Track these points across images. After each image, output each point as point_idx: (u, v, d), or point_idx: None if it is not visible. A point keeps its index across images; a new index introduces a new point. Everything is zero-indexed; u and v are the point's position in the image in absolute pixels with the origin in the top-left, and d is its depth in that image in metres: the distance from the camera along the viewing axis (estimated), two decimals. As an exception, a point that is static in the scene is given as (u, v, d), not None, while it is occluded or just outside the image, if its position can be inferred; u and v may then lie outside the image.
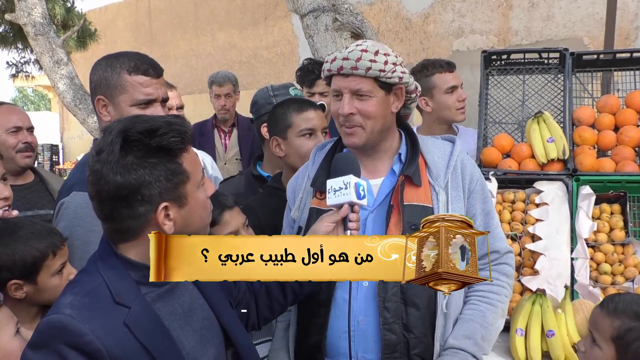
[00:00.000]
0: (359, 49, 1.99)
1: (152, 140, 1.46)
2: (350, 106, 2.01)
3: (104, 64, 2.14)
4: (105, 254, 1.55)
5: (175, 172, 1.49)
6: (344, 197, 1.83)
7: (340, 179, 1.84)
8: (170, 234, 1.49)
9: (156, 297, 1.56)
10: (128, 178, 1.43)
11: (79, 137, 14.49)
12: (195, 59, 11.76)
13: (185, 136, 1.51)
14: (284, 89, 2.96)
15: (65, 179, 2.29)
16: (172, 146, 1.48)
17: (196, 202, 1.56)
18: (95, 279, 1.49)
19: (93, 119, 6.96)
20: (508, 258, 2.15)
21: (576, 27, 6.81)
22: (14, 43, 10.72)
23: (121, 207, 1.46)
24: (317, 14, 4.27)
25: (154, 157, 1.46)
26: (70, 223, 2.06)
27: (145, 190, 1.45)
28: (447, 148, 2.15)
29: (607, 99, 3.01)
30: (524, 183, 2.83)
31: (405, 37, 8.31)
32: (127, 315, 1.45)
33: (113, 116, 2.13)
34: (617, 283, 2.49)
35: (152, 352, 1.46)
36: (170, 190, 1.48)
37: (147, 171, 1.45)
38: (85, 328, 1.38)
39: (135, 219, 1.48)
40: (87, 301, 1.44)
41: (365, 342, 1.98)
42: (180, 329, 1.58)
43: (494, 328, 2.05)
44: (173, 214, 1.50)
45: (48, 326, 1.41)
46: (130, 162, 1.44)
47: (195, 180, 1.55)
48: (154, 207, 1.47)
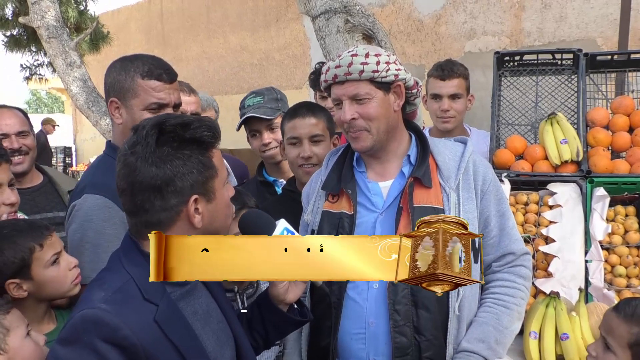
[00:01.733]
0: (349, 55, 2.01)
1: (186, 132, 1.49)
2: (351, 112, 2.02)
3: (118, 67, 2.15)
4: (129, 250, 1.56)
5: (206, 165, 1.52)
6: None
7: None
8: (199, 228, 1.52)
9: (179, 297, 1.56)
10: (163, 168, 1.46)
11: (92, 139, 14.58)
12: (207, 61, 11.80)
13: (215, 132, 1.55)
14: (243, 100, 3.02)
15: (78, 181, 2.29)
16: (205, 139, 1.52)
17: (222, 198, 1.59)
18: (123, 276, 1.50)
19: (106, 121, 7.00)
20: (524, 260, 2.13)
21: (589, 28, 6.76)
22: (27, 46, 10.82)
23: (154, 198, 1.48)
24: (329, 16, 4.26)
25: (187, 149, 1.50)
26: (81, 225, 2.06)
27: (179, 181, 1.48)
28: (459, 149, 2.15)
29: (621, 99, 2.98)
30: (537, 185, 2.82)
31: (417, 38, 8.29)
32: (156, 313, 1.46)
33: (125, 119, 2.14)
34: (632, 286, 2.46)
35: (181, 350, 1.47)
36: (201, 184, 1.51)
37: (181, 162, 1.48)
38: (121, 323, 1.39)
39: (167, 210, 1.50)
40: (119, 297, 1.44)
41: (376, 345, 1.98)
42: (202, 329, 1.59)
43: (509, 331, 2.03)
44: (202, 208, 1.53)
45: (83, 320, 1.40)
46: (166, 152, 1.47)
47: (222, 177, 1.59)
48: (185, 199, 1.49)
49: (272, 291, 1.80)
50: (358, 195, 2.11)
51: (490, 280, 2.12)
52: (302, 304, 1.90)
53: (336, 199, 2.15)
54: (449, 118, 3.29)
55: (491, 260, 2.11)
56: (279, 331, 1.90)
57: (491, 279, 2.11)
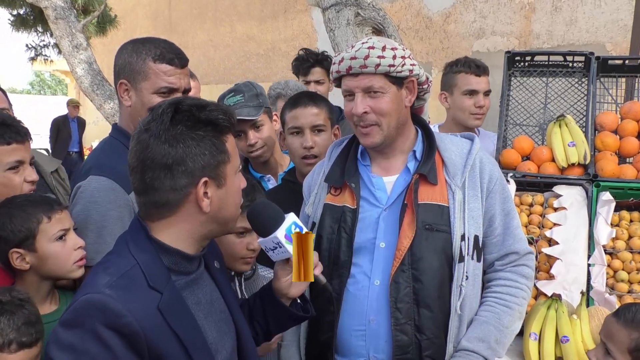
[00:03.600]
0: (366, 47, 1.97)
1: (201, 113, 1.48)
2: (364, 105, 1.98)
3: (130, 49, 2.13)
4: (137, 235, 1.54)
5: (219, 149, 1.50)
6: (283, 254, 1.73)
7: (269, 240, 1.72)
8: (206, 212, 1.51)
9: (184, 285, 1.55)
10: (176, 147, 1.45)
11: (95, 122, 14.56)
12: (213, 50, 11.78)
13: (231, 117, 1.54)
14: (222, 99, 2.91)
15: (83, 163, 2.28)
16: (220, 122, 1.50)
17: (232, 186, 1.56)
18: (129, 261, 1.48)
19: (110, 104, 6.98)
20: (527, 259, 2.12)
21: (599, 33, 6.75)
22: (34, 26, 10.80)
23: (164, 177, 1.46)
24: (339, 8, 4.24)
25: (202, 130, 1.48)
26: (86, 207, 2.05)
27: (190, 161, 1.46)
28: (466, 146, 2.12)
29: (631, 105, 2.96)
30: (543, 186, 2.80)
31: (425, 35, 8.27)
32: (160, 301, 1.44)
33: (134, 102, 2.12)
34: (634, 291, 2.45)
35: (182, 339, 1.45)
36: (212, 167, 1.49)
37: (194, 142, 1.46)
38: (125, 309, 1.37)
39: (176, 190, 1.48)
40: (123, 283, 1.42)
41: (376, 342, 1.97)
42: (204, 319, 1.57)
43: (510, 331, 2.02)
44: (211, 192, 1.50)
45: (87, 305, 1.38)
46: (180, 131, 1.46)
47: (234, 164, 1.56)
48: (195, 180, 1.47)
49: (276, 284, 1.79)
50: (361, 190, 2.09)
51: (492, 279, 2.11)
52: (305, 299, 1.89)
53: (339, 192, 2.12)
54: (482, 115, 3.30)
55: (494, 259, 2.10)
56: (280, 325, 1.89)
57: (493, 278, 2.10)
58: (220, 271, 1.76)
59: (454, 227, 1.97)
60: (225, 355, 1.62)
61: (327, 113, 2.67)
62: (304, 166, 2.62)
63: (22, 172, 2.19)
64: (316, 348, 2.11)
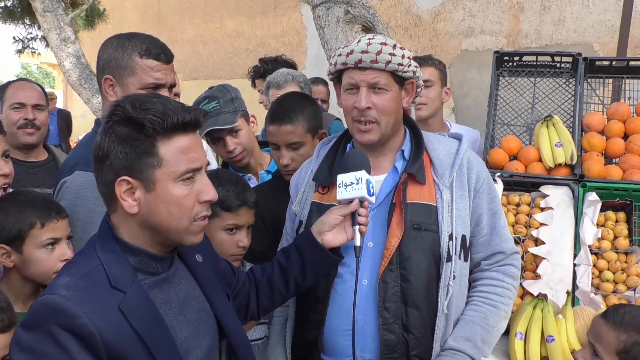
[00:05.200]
0: (378, 42, 1.97)
1: (135, 110, 1.43)
2: (368, 100, 1.97)
3: (115, 44, 2.11)
4: (104, 236, 1.53)
5: (145, 152, 1.44)
6: (355, 192, 1.83)
7: (352, 174, 1.84)
8: (133, 213, 1.47)
9: (152, 284, 1.53)
10: (104, 141, 1.45)
11: (82, 116, 14.40)
12: (202, 45, 11.70)
13: (166, 120, 1.43)
14: (197, 103, 2.81)
15: (67, 158, 2.26)
16: (146, 124, 1.42)
17: (167, 193, 1.46)
18: (93, 261, 1.46)
19: (97, 99, 6.91)
20: (514, 259, 2.13)
21: (587, 33, 6.78)
22: (21, 18, 10.66)
23: (98, 169, 1.48)
24: (329, 6, 4.23)
25: (129, 128, 1.43)
26: (71, 202, 2.04)
27: (113, 157, 1.44)
28: (454, 146, 2.13)
29: (617, 106, 2.99)
30: (530, 186, 2.82)
31: (414, 33, 8.27)
32: (122, 301, 1.42)
33: (119, 97, 2.10)
34: (619, 291, 2.47)
35: (145, 340, 1.43)
36: (135, 169, 1.44)
37: (117, 139, 1.44)
38: (79, 310, 1.35)
39: (105, 185, 1.48)
40: (83, 283, 1.41)
41: (363, 342, 1.96)
42: (174, 318, 1.55)
43: (496, 330, 2.03)
44: (138, 194, 1.46)
45: (42, 306, 1.38)
46: (109, 126, 1.45)
47: (173, 171, 1.46)
48: (116, 178, 1.45)
49: (319, 227, 1.90)
50: None
51: (479, 279, 2.11)
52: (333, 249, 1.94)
53: (326, 191, 2.12)
54: (422, 104, 3.21)
55: (481, 259, 2.11)
56: (318, 273, 1.96)
57: (480, 277, 2.11)
58: (203, 265, 1.73)
59: (442, 227, 1.97)
60: (199, 354, 1.60)
61: (305, 126, 2.53)
62: (284, 175, 2.57)
63: None
64: (302, 347, 2.11)
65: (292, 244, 1.99)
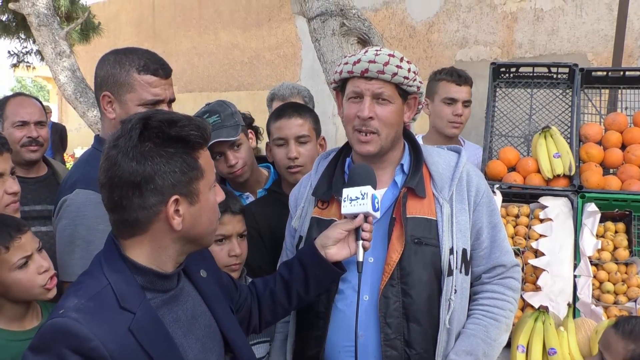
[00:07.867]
0: (386, 54, 1.97)
1: (171, 129, 1.44)
2: (371, 109, 1.96)
3: (112, 60, 2.09)
4: (110, 255, 1.51)
5: (191, 165, 1.46)
6: (360, 207, 1.83)
7: (358, 189, 1.85)
8: (178, 231, 1.47)
9: (160, 304, 1.52)
10: (144, 165, 1.41)
11: (77, 129, 14.41)
12: (197, 57, 11.73)
13: (205, 133, 1.50)
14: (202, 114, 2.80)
15: (66, 176, 2.25)
16: (191, 139, 1.46)
17: (207, 202, 1.52)
18: (101, 282, 1.45)
19: (93, 112, 6.91)
20: (514, 272, 2.12)
21: (580, 43, 6.82)
22: (16, 33, 10.67)
23: (132, 195, 1.43)
24: (325, 18, 4.23)
25: (172, 147, 1.44)
26: (72, 221, 2.02)
27: (159, 179, 1.42)
28: (453, 159, 2.12)
29: (615, 116, 2.99)
30: (529, 198, 2.81)
31: (409, 44, 8.30)
32: (132, 321, 1.41)
33: (119, 114, 2.09)
34: (620, 302, 2.46)
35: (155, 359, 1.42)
36: (184, 184, 1.46)
37: (164, 160, 1.42)
38: (91, 333, 1.34)
39: (145, 209, 1.44)
40: (92, 305, 1.40)
41: (365, 358, 1.94)
42: (183, 336, 1.54)
43: (497, 344, 2.02)
44: (183, 209, 1.47)
45: (52, 330, 1.36)
46: (148, 148, 1.42)
47: (209, 180, 1.52)
48: (165, 198, 1.44)
49: (323, 241, 1.90)
50: None
51: (479, 292, 2.10)
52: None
53: (326, 206, 2.11)
54: (460, 124, 3.34)
55: (481, 272, 2.10)
56: (320, 286, 1.95)
57: (481, 290, 2.10)
58: (207, 281, 1.73)
59: (443, 241, 1.96)
60: None
61: (312, 123, 2.67)
62: (289, 175, 2.61)
63: (2, 184, 2.17)
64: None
65: (295, 257, 1.98)
